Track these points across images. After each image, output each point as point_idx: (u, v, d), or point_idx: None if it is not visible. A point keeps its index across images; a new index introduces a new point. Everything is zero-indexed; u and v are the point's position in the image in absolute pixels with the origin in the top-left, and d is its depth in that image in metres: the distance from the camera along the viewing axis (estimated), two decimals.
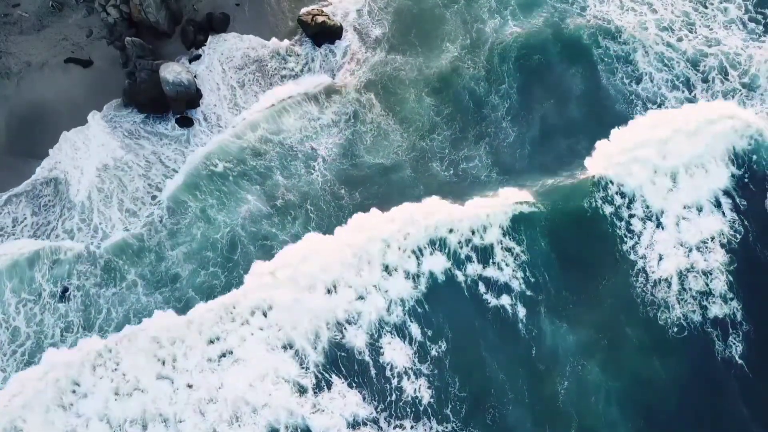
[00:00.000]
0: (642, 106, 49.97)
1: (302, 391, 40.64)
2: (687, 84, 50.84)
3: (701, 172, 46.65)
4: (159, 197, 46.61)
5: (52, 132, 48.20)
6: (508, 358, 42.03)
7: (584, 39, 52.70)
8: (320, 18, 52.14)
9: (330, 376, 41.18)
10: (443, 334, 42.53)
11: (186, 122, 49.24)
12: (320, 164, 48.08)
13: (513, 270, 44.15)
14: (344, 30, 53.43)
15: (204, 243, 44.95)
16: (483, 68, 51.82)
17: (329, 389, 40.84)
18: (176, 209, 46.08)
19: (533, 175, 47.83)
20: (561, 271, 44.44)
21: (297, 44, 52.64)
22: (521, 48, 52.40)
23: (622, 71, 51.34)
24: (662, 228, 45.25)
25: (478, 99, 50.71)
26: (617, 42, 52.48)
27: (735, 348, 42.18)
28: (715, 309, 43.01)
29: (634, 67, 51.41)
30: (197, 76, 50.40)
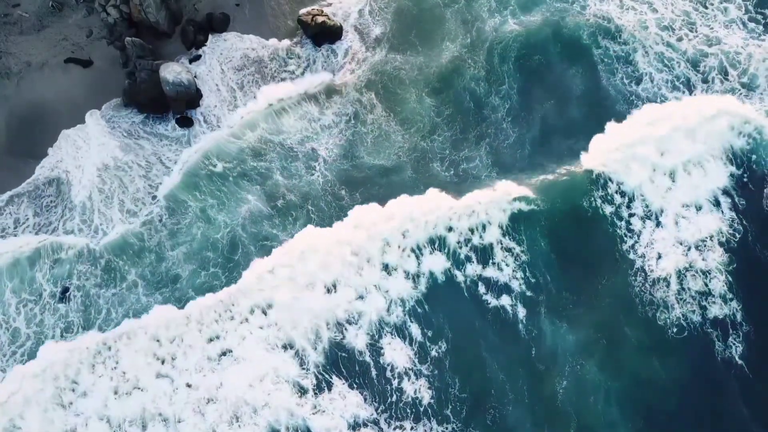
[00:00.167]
0: (642, 107, 49.97)
1: (302, 392, 40.64)
2: (687, 84, 50.80)
3: (700, 171, 46.68)
4: (156, 196, 46.70)
5: (52, 132, 48.17)
6: (508, 359, 42.05)
7: (584, 39, 52.69)
8: (320, 18, 52.11)
9: (330, 377, 41.19)
10: (443, 335, 42.55)
11: (186, 122, 49.22)
12: (321, 165, 48.06)
13: (513, 270, 44.17)
14: (344, 30, 53.42)
15: (204, 243, 44.93)
16: (483, 69, 51.78)
17: (329, 390, 40.83)
18: (176, 209, 46.07)
19: (532, 173, 47.84)
20: (561, 271, 44.47)
21: (297, 44, 52.62)
22: (521, 48, 52.39)
23: (622, 71, 51.33)
24: (661, 227, 45.30)
25: (479, 99, 50.68)
26: (617, 42, 52.47)
27: (735, 348, 42.20)
28: (715, 309, 43.03)
29: (634, 68, 51.40)
30: (197, 76, 50.39)
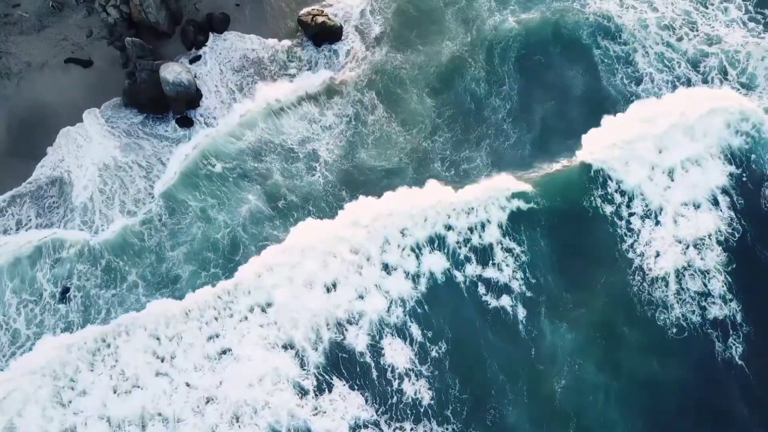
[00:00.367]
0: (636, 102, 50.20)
1: (303, 393, 40.65)
2: (688, 85, 50.80)
3: (698, 169, 46.76)
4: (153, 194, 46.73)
5: (53, 132, 48.18)
6: (508, 359, 42.09)
7: (584, 39, 52.83)
8: (320, 18, 52.09)
9: (331, 378, 41.18)
10: (443, 335, 42.57)
11: (186, 122, 49.21)
12: (321, 165, 48.03)
13: (513, 271, 44.20)
14: (345, 30, 53.38)
15: (205, 243, 44.90)
16: (483, 69, 51.83)
17: (330, 391, 40.83)
18: (176, 208, 46.06)
19: (532, 169, 47.93)
20: (560, 272, 44.54)
21: (297, 45, 52.54)
22: (521, 48, 52.50)
23: (623, 72, 51.35)
24: (660, 225, 45.35)
25: (479, 100, 50.69)
26: (617, 42, 52.49)
27: (735, 349, 42.22)
28: (715, 310, 43.04)
29: (634, 68, 51.44)
30: (197, 77, 50.37)
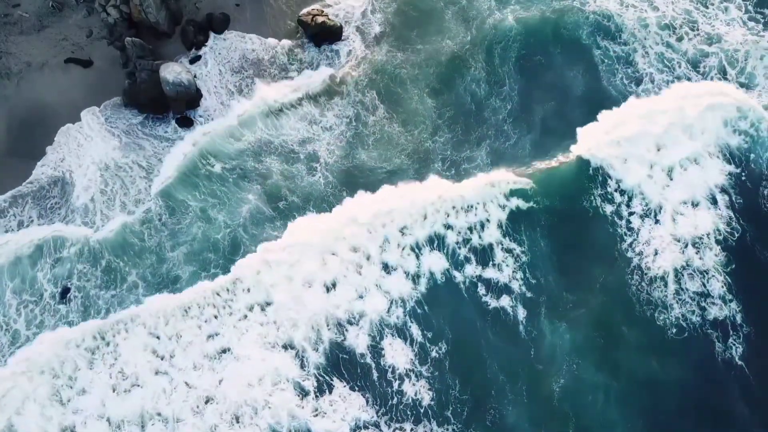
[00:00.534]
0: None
1: (304, 394, 40.64)
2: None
3: (697, 168, 46.81)
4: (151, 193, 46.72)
5: (53, 132, 48.19)
6: (508, 359, 42.09)
7: (584, 39, 52.92)
8: (320, 18, 52.06)
9: (331, 379, 41.16)
10: (443, 336, 42.57)
11: (186, 122, 49.20)
12: (322, 166, 48.00)
13: (513, 271, 44.20)
14: (345, 30, 53.33)
15: (205, 244, 44.84)
16: (483, 69, 51.87)
17: (330, 392, 40.80)
18: (176, 208, 46.02)
19: (530, 165, 48.12)
20: (560, 271, 44.59)
21: (297, 45, 52.53)
22: (521, 48, 52.57)
23: (623, 72, 51.39)
24: (659, 223, 45.37)
25: (479, 100, 50.69)
26: (617, 42, 52.54)
27: (735, 349, 42.22)
28: (714, 310, 43.04)
29: (635, 69, 51.49)
30: (197, 77, 50.36)
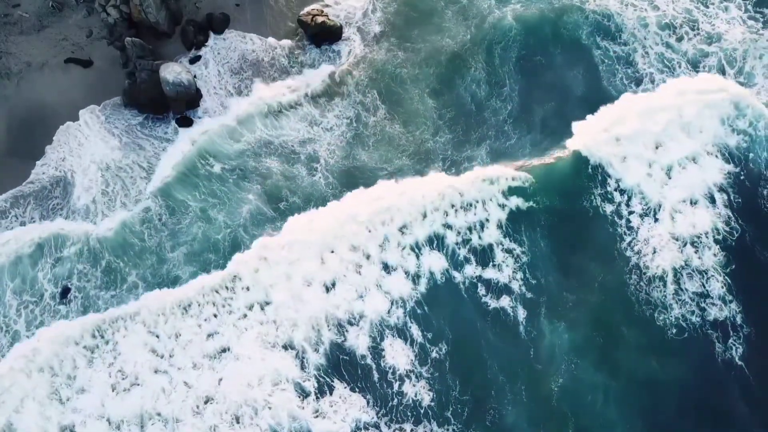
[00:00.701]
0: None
1: (304, 395, 40.61)
2: None
3: (695, 166, 46.83)
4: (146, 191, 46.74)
5: (53, 133, 48.24)
6: (508, 360, 42.09)
7: (584, 39, 52.93)
8: (320, 18, 52.03)
9: (332, 380, 41.12)
10: (444, 336, 42.55)
11: (186, 122, 49.22)
12: (322, 166, 47.96)
13: (513, 271, 44.20)
14: (345, 30, 53.31)
15: (205, 244, 44.81)
16: (484, 70, 51.87)
17: (331, 393, 40.76)
18: (176, 208, 46.02)
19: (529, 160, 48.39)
20: (560, 271, 44.56)
21: (297, 45, 52.54)
22: (521, 48, 52.60)
23: (623, 72, 51.38)
24: (658, 222, 45.36)
25: (479, 100, 50.68)
26: (617, 43, 52.55)
27: (735, 350, 42.20)
28: (714, 311, 43.00)
29: (635, 69, 51.48)
30: (197, 77, 50.37)
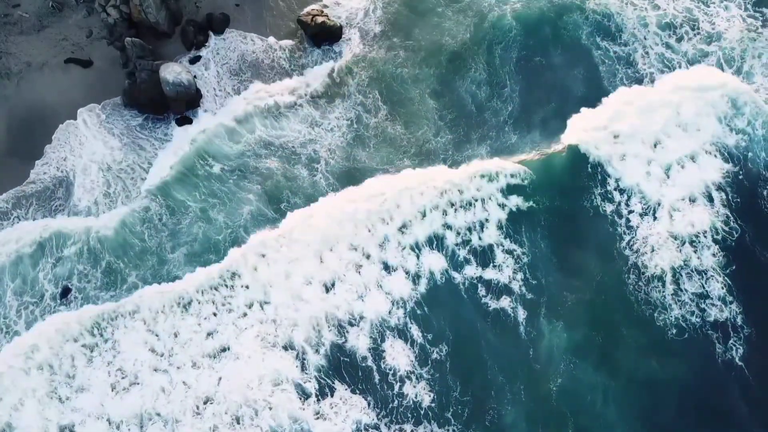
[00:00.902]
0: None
1: (305, 397, 40.61)
2: None
3: (694, 165, 46.87)
4: (142, 189, 46.82)
5: (53, 133, 48.28)
6: (508, 360, 42.13)
7: (584, 40, 52.98)
8: (320, 18, 52.02)
9: (332, 382, 41.12)
10: (444, 337, 42.58)
11: (186, 122, 49.26)
12: (323, 167, 47.95)
13: (513, 271, 44.23)
14: (345, 30, 53.29)
15: (206, 245, 44.79)
16: (485, 70, 51.90)
17: (332, 395, 40.75)
18: (176, 208, 46.00)
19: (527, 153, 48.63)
20: (560, 271, 44.61)
21: (297, 45, 52.53)
22: (522, 49, 52.66)
23: (623, 73, 51.38)
24: (657, 221, 45.39)
25: (480, 101, 50.71)
26: (618, 43, 52.57)
27: (735, 350, 42.23)
28: (714, 311, 43.02)
29: (635, 69, 51.48)
30: (197, 77, 50.40)
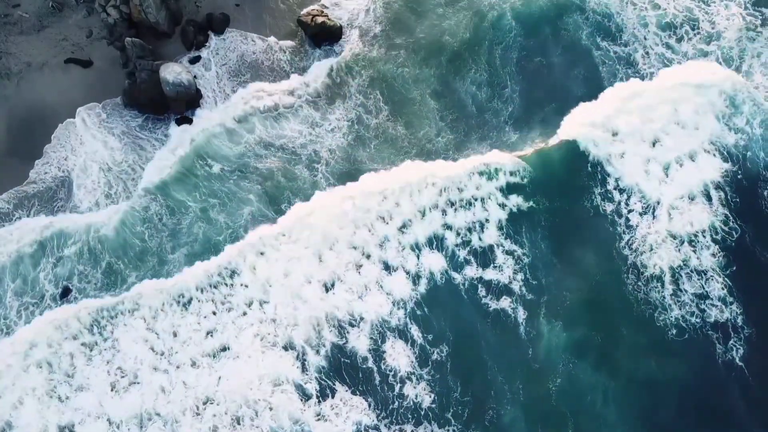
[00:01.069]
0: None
1: (306, 398, 40.66)
2: None
3: (692, 164, 46.92)
4: (138, 187, 46.88)
5: (52, 133, 48.23)
6: (508, 361, 42.20)
7: (584, 40, 52.94)
8: (320, 18, 51.95)
9: (333, 383, 41.15)
10: (444, 338, 42.62)
11: (186, 123, 49.23)
12: (323, 167, 47.91)
13: (513, 272, 44.28)
14: (345, 30, 53.22)
15: (206, 245, 44.79)
16: (485, 71, 51.86)
17: (333, 396, 40.78)
18: (176, 208, 46.04)
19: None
20: (560, 272, 44.66)
21: (297, 45, 52.49)
22: (522, 49, 52.60)
23: (623, 73, 51.34)
24: (656, 219, 45.44)
25: (481, 101, 50.71)
26: (618, 44, 52.55)
27: (735, 351, 42.29)
28: (714, 312, 43.07)
29: (635, 69, 51.47)
30: (197, 77, 50.39)
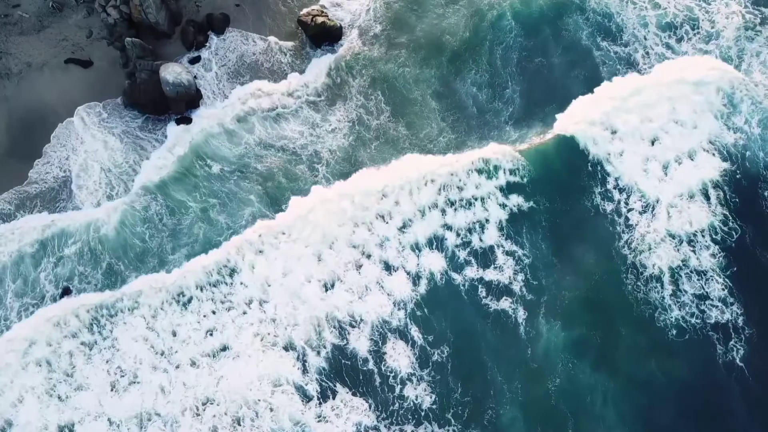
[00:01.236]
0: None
1: (307, 399, 40.66)
2: None
3: (691, 163, 46.95)
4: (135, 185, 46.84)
5: (52, 133, 48.25)
6: (508, 361, 42.23)
7: (584, 40, 52.94)
8: (320, 18, 51.95)
9: (334, 384, 41.15)
10: (444, 338, 42.66)
11: (186, 123, 49.26)
12: (324, 168, 47.90)
13: (513, 272, 44.29)
14: (345, 30, 53.19)
15: (206, 246, 44.76)
16: (486, 71, 51.87)
17: (333, 397, 40.79)
18: (176, 209, 46.08)
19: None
20: (560, 272, 44.73)
21: (297, 45, 52.49)
22: (522, 50, 52.61)
23: (623, 73, 51.23)
24: (655, 219, 45.48)
25: (481, 102, 50.76)
26: (618, 44, 52.54)
27: (736, 351, 42.30)
28: (715, 312, 43.09)
29: (635, 70, 51.39)
30: (197, 77, 50.42)
